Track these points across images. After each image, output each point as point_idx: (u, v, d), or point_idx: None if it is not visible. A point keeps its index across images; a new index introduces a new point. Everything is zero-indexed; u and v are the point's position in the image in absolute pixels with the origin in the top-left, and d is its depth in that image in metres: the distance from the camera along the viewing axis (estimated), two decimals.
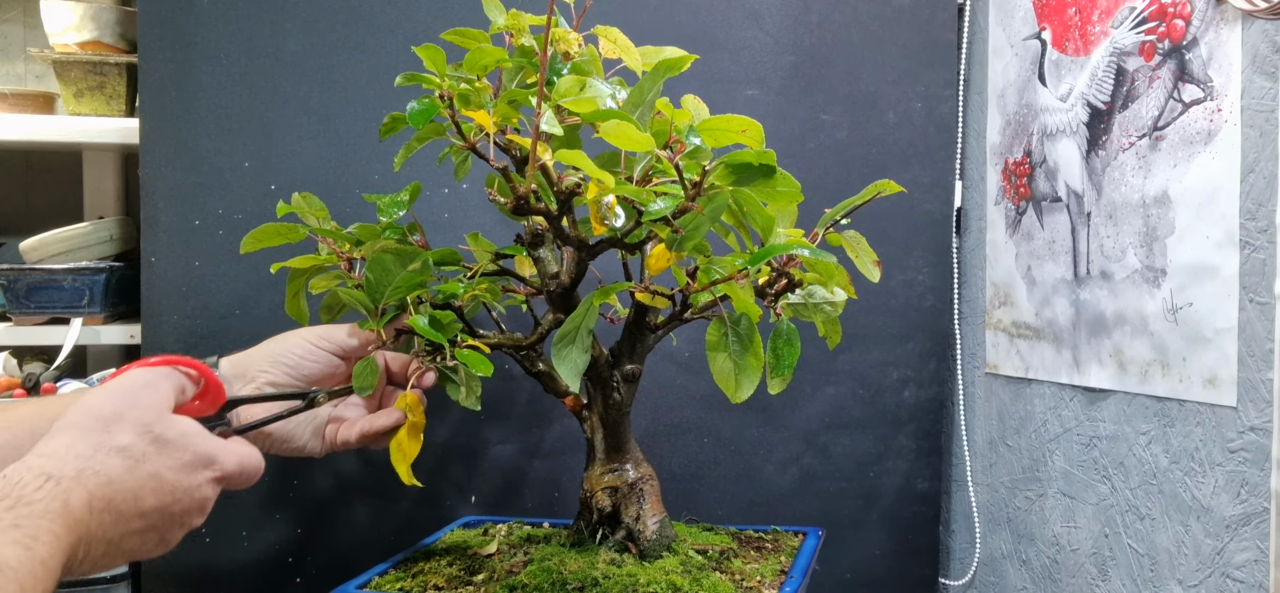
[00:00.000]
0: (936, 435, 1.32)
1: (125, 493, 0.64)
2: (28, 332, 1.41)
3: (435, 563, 0.97)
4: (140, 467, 0.66)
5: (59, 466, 0.61)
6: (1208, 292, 0.91)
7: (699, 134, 0.76)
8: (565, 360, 0.82)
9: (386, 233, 0.94)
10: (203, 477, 0.70)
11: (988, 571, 1.31)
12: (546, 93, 0.76)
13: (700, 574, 0.89)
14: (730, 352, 0.81)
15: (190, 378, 0.77)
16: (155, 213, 1.21)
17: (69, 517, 0.59)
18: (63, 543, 0.58)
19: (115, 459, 0.65)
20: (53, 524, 0.58)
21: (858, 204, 0.85)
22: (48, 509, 0.58)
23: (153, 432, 0.67)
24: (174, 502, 0.68)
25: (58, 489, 0.60)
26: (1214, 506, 0.91)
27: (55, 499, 0.59)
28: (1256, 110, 0.86)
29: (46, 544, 0.56)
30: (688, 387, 1.27)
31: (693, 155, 0.76)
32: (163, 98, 1.21)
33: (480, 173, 1.06)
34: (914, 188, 1.30)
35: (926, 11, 1.30)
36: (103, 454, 0.64)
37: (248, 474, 0.75)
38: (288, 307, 0.99)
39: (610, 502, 0.94)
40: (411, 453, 0.89)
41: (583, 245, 0.86)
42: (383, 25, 1.23)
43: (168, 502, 0.67)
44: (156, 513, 0.67)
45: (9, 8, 1.72)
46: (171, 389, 0.72)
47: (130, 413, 0.67)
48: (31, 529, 0.56)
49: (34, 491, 0.59)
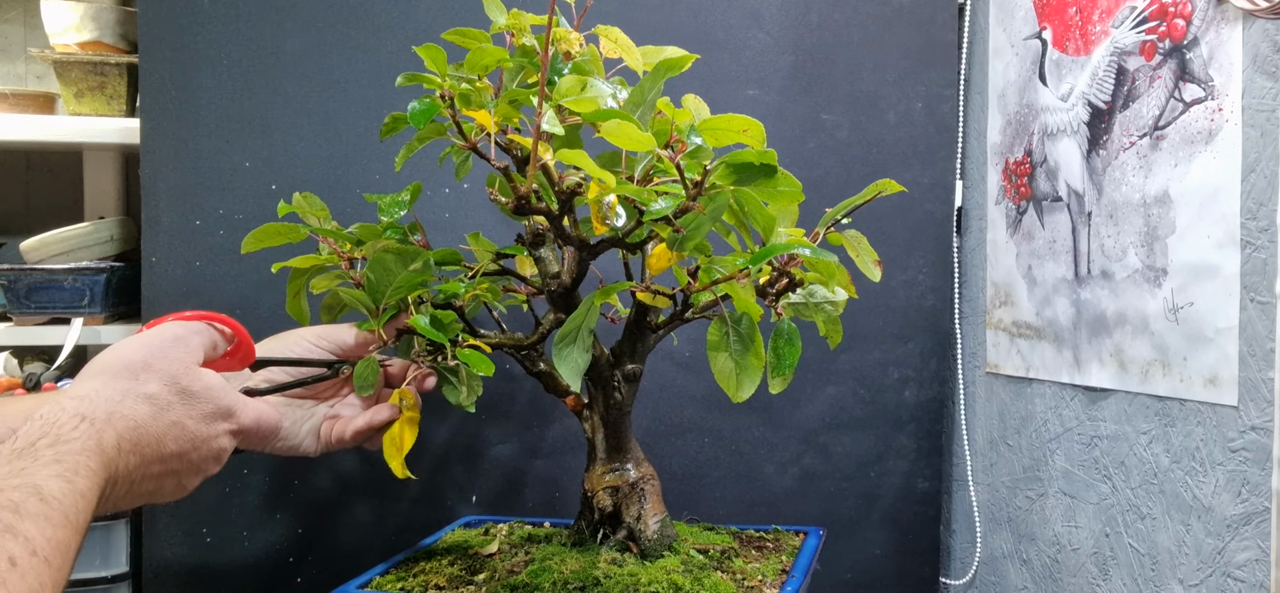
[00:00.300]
0: (937, 435, 1.32)
1: (150, 438, 0.69)
2: (28, 332, 1.41)
3: (436, 563, 0.97)
4: (165, 414, 0.70)
5: (91, 407, 0.65)
6: (1208, 291, 0.91)
7: (700, 133, 0.76)
8: (566, 360, 0.82)
9: (387, 233, 0.94)
10: (221, 427, 0.75)
11: (988, 570, 1.31)
12: (547, 93, 0.76)
13: (701, 574, 0.89)
14: (731, 351, 0.81)
15: (223, 336, 0.81)
16: (156, 213, 1.21)
17: (102, 455, 0.63)
18: (98, 479, 0.62)
19: (143, 405, 0.69)
20: (90, 460, 0.62)
21: (859, 204, 0.85)
22: (85, 447, 0.62)
23: (179, 383, 0.72)
24: (193, 449, 0.72)
25: (92, 429, 0.64)
26: (1215, 505, 0.91)
27: (90, 438, 0.63)
28: (1257, 110, 0.86)
29: (85, 478, 0.60)
30: (688, 387, 1.27)
31: (694, 155, 0.76)
32: (163, 98, 1.21)
33: (480, 173, 1.06)
34: (914, 188, 1.30)
35: (927, 11, 1.30)
36: (131, 400, 0.69)
37: (263, 431, 0.80)
38: (288, 306, 0.99)
39: (611, 501, 0.94)
40: (406, 445, 0.89)
41: (584, 245, 0.86)
42: (383, 25, 1.23)
43: (187, 449, 0.72)
44: (176, 459, 0.71)
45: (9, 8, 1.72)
46: (201, 345, 0.77)
47: (159, 363, 0.72)
48: (72, 464, 0.60)
49: (71, 430, 0.62)
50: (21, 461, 0.59)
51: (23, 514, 0.54)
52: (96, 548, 1.31)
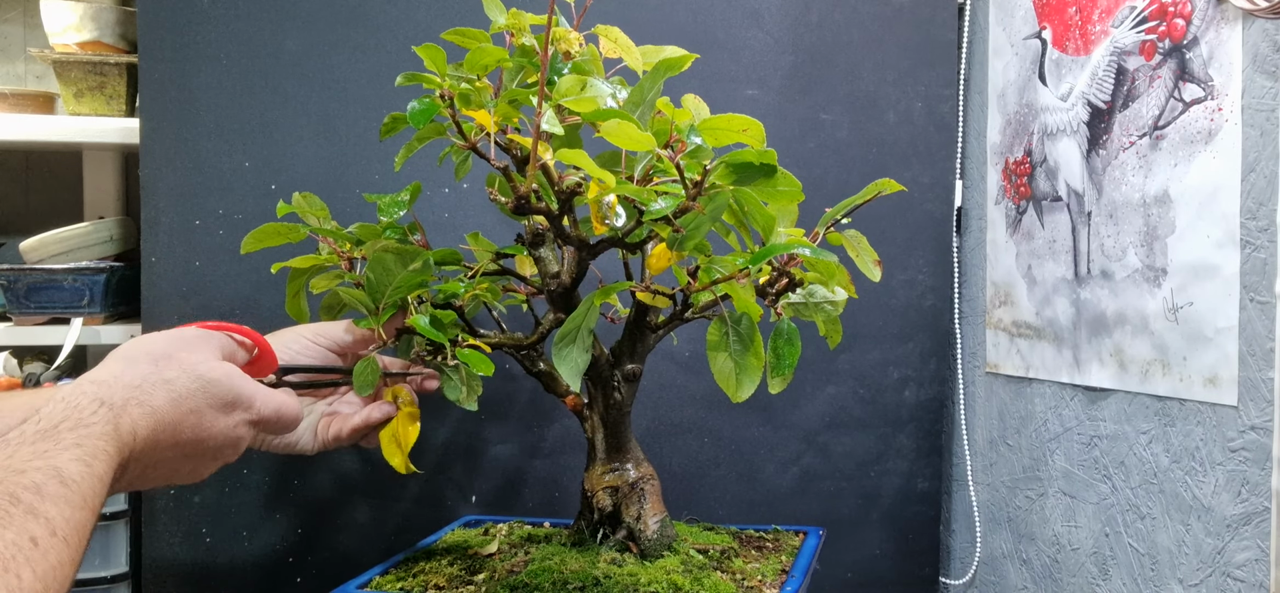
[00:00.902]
0: (937, 435, 1.32)
1: (166, 425, 0.71)
2: (28, 332, 1.41)
3: (435, 563, 0.97)
4: (183, 402, 0.72)
5: (110, 393, 0.67)
6: (1208, 291, 0.91)
7: (700, 133, 0.76)
8: (566, 360, 0.82)
9: (387, 233, 0.94)
10: (238, 417, 0.76)
11: (988, 570, 1.31)
12: (547, 92, 0.76)
13: (701, 574, 0.89)
14: (731, 351, 0.81)
15: (243, 346, 0.83)
16: (155, 213, 1.21)
17: (119, 439, 0.65)
18: (114, 462, 0.64)
19: (161, 391, 0.71)
20: (107, 445, 0.64)
21: (858, 203, 0.85)
22: (103, 432, 0.64)
23: (197, 371, 0.74)
24: (209, 438, 0.74)
25: (110, 414, 0.66)
26: (1215, 505, 0.91)
27: (108, 423, 0.65)
28: (1257, 109, 0.86)
29: (103, 462, 0.63)
30: (688, 387, 1.27)
31: (694, 155, 0.76)
32: (163, 98, 1.21)
33: (479, 173, 1.06)
34: (914, 187, 1.30)
35: (926, 11, 1.30)
36: (149, 385, 0.70)
37: (284, 420, 0.81)
38: (288, 307, 0.99)
39: (611, 501, 0.94)
40: (408, 442, 0.90)
41: (583, 245, 0.86)
42: (383, 25, 1.23)
43: (203, 437, 0.74)
44: (192, 444, 0.73)
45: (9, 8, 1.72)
46: (219, 346, 0.79)
47: (180, 354, 0.74)
48: (91, 449, 0.62)
49: (90, 414, 0.64)
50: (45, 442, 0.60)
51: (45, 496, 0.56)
52: (96, 548, 1.31)
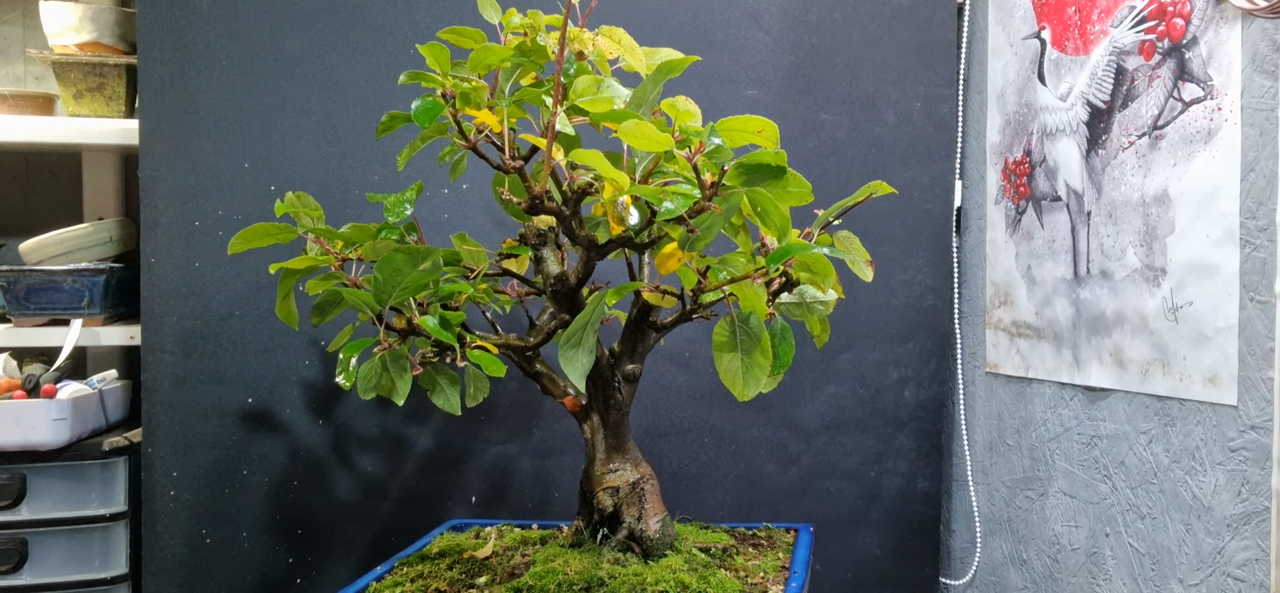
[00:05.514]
0: (937, 435, 1.32)
1: None
2: (28, 333, 1.41)
3: (434, 566, 0.97)
4: None
5: None
6: (1208, 290, 0.91)
7: (719, 134, 0.76)
8: (572, 363, 0.82)
9: (384, 232, 0.93)
10: None
11: (988, 570, 1.31)
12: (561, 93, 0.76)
13: (706, 572, 0.89)
14: (739, 350, 0.81)
15: None
16: (155, 214, 1.21)
17: None
18: None
19: None
20: None
21: (851, 205, 0.85)
22: None
23: None
24: None
25: None
26: (1214, 504, 0.92)
27: None
28: (1256, 109, 0.86)
29: None
30: (688, 387, 1.28)
31: (712, 155, 0.76)
32: (162, 99, 1.21)
33: (475, 174, 1.06)
34: (914, 187, 1.30)
35: (926, 11, 1.30)
36: None
37: None
38: (278, 308, 0.98)
39: (611, 502, 0.94)
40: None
41: (593, 245, 0.86)
42: (382, 26, 1.23)
43: None
44: None
45: (8, 9, 1.72)
46: None
47: None
48: None
49: None
50: None
51: None
52: (96, 549, 1.30)
